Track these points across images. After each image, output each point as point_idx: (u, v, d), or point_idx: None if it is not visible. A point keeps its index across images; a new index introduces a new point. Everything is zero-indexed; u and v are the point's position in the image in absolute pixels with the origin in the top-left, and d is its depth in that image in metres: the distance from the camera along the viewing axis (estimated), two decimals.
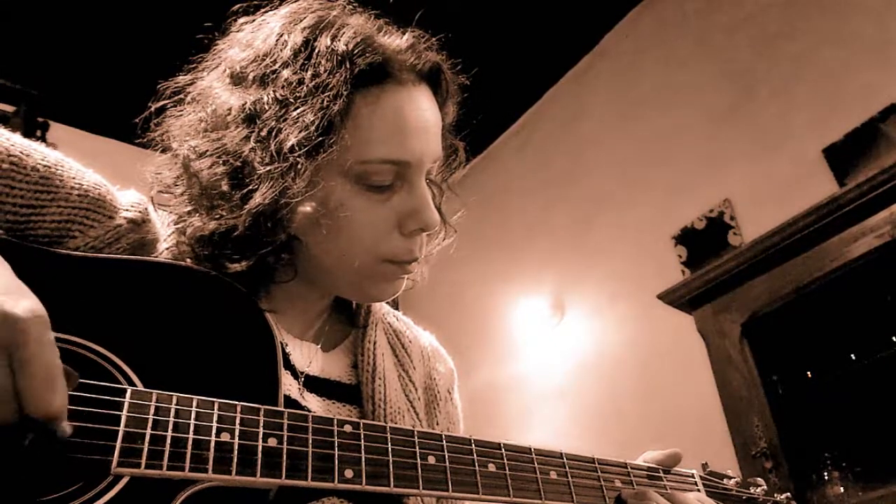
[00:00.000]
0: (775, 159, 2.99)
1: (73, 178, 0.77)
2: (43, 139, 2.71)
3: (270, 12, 0.88)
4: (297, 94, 0.78)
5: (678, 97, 3.48)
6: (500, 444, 0.80)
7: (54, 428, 0.54)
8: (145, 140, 0.87)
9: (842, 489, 2.28)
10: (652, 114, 3.60)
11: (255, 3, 0.89)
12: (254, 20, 0.88)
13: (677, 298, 2.74)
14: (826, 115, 2.84)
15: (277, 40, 0.82)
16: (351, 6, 0.89)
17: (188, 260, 0.81)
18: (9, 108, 3.05)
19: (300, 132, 0.76)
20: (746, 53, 3.23)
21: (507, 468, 0.78)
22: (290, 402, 0.83)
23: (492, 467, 0.77)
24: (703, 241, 3.19)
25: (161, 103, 0.87)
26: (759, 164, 3.06)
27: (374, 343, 0.95)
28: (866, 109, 2.70)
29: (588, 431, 3.49)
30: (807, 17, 3.03)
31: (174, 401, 0.64)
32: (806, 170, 2.84)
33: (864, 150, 2.67)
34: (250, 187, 0.77)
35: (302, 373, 0.89)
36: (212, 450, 0.63)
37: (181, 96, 0.87)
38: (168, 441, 0.62)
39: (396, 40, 0.85)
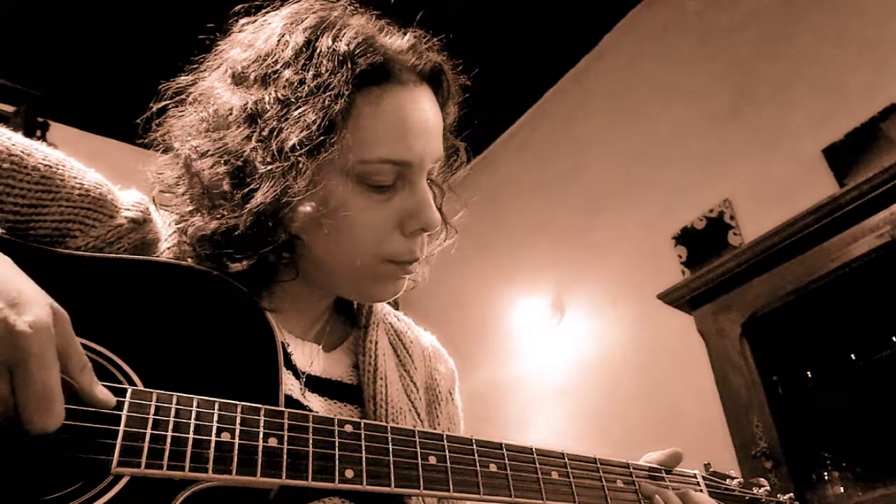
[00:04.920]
0: (775, 159, 2.99)
1: (75, 177, 0.77)
2: (43, 139, 2.71)
3: (272, 13, 0.88)
4: (299, 94, 0.78)
5: (678, 97, 3.48)
6: (501, 444, 0.80)
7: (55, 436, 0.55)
8: (146, 140, 0.87)
9: (842, 489, 2.28)
10: (652, 114, 3.60)
11: (257, 3, 0.89)
12: (255, 20, 0.88)
13: (677, 298, 2.74)
14: (826, 115, 2.84)
15: (279, 40, 0.82)
16: (352, 7, 0.89)
17: (189, 259, 0.81)
18: (9, 108, 3.05)
19: (301, 132, 0.76)
20: (746, 53, 3.22)
21: (508, 468, 0.78)
22: (292, 403, 0.83)
23: (493, 467, 0.77)
24: (703, 241, 3.19)
25: (162, 103, 0.87)
26: (759, 164, 3.05)
27: (376, 343, 0.95)
28: (866, 109, 2.69)
29: (588, 431, 3.49)
30: (807, 17, 3.03)
31: (174, 400, 0.64)
32: (806, 170, 2.84)
33: (864, 150, 2.67)
34: (252, 186, 0.77)
35: (303, 373, 0.89)
36: (212, 449, 0.63)
37: (183, 96, 0.87)
38: (168, 441, 0.62)
39: (398, 41, 0.85)
